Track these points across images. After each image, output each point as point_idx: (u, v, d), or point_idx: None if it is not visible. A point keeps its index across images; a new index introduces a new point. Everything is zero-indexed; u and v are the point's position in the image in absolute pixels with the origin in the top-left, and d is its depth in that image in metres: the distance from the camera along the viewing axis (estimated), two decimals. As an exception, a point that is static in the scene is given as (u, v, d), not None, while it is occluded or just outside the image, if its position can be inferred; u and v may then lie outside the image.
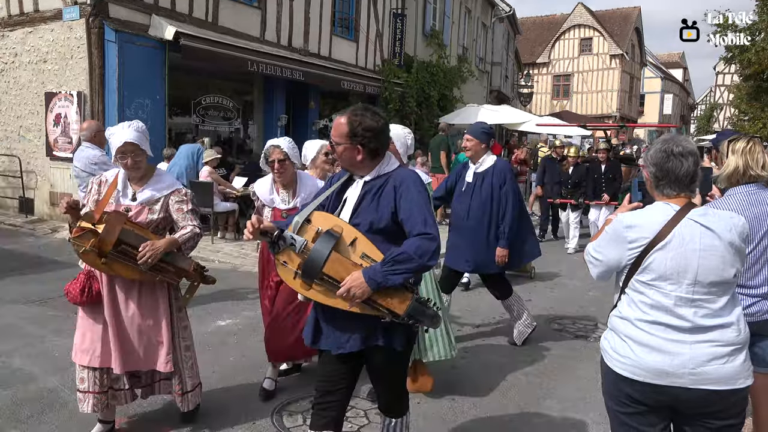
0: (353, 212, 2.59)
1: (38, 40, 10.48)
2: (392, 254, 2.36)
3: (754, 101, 23.56)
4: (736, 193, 2.95)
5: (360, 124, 2.52)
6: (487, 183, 4.85)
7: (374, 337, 2.54)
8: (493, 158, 4.96)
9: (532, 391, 4.33)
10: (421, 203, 2.48)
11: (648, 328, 2.12)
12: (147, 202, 3.27)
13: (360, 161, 2.58)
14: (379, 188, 2.58)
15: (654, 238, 2.11)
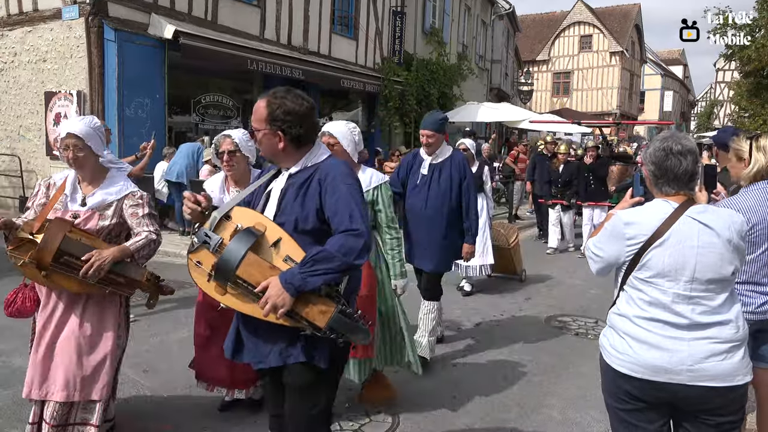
0: (277, 209, 2.34)
1: (38, 39, 10.47)
2: (312, 253, 2.12)
3: (755, 98, 23.53)
4: (753, 190, 2.91)
5: (280, 107, 2.28)
6: (446, 175, 4.53)
7: (294, 351, 2.25)
8: (449, 149, 4.66)
9: (532, 390, 4.33)
10: (348, 197, 2.23)
11: (646, 325, 2.13)
12: (98, 207, 2.99)
13: (282, 150, 2.33)
14: (304, 182, 2.33)
15: (652, 236, 2.11)
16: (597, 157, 9.71)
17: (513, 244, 7.38)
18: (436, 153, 4.57)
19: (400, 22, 16.81)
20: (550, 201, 9.97)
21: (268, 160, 2.47)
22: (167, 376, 4.28)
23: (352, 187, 2.27)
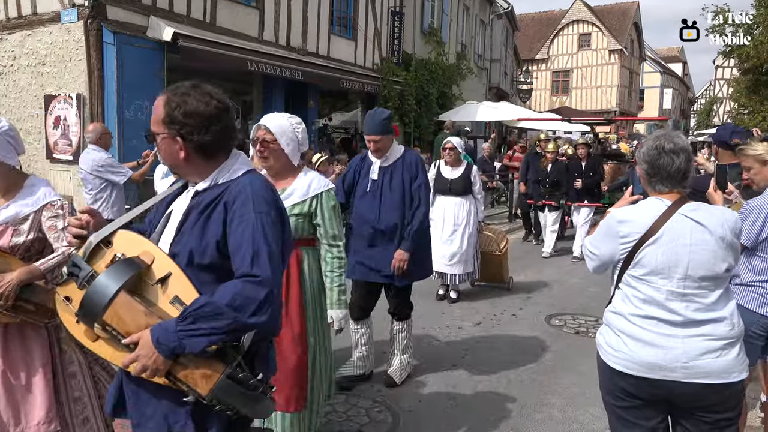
0: (175, 235, 1.85)
1: (37, 42, 10.49)
2: (194, 306, 1.64)
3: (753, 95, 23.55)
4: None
5: (179, 106, 1.81)
6: (398, 179, 4.06)
7: (179, 417, 1.77)
8: (401, 149, 4.20)
9: (532, 388, 4.34)
10: (256, 230, 1.74)
11: (641, 323, 2.14)
12: (12, 221, 2.61)
13: (184, 160, 1.86)
14: (209, 204, 1.83)
15: (645, 233, 2.13)
16: (588, 156, 9.34)
17: (504, 250, 7.05)
18: (386, 155, 4.12)
19: (398, 22, 16.81)
20: (540, 202, 9.57)
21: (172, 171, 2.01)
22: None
23: (264, 217, 1.77)
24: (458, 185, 6.43)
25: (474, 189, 6.49)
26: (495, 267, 7.03)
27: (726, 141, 3.91)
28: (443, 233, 6.41)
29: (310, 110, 14.38)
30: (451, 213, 6.44)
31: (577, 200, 9.12)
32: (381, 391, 4.17)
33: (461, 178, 6.45)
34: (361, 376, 4.30)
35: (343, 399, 4.01)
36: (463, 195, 6.45)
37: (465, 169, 6.52)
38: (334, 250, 3.08)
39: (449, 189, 6.45)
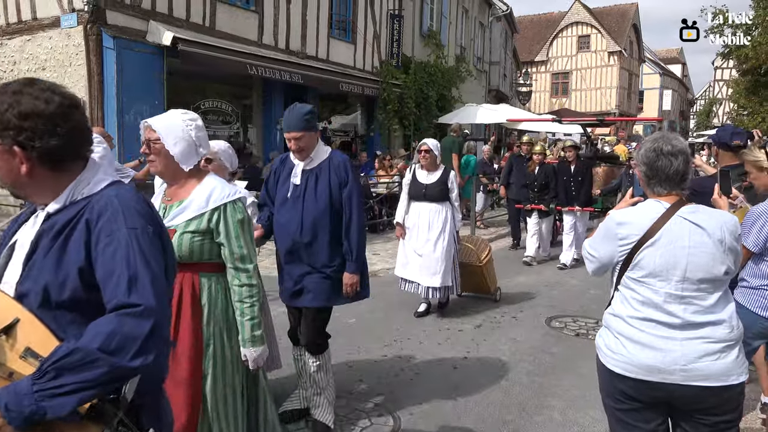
0: (22, 270, 1.47)
1: (36, 47, 10.51)
2: (56, 355, 1.26)
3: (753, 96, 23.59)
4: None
5: (11, 107, 1.41)
6: (324, 184, 3.46)
7: None
8: (327, 150, 3.58)
9: (533, 390, 4.34)
10: (133, 248, 1.40)
11: (639, 325, 2.15)
12: None
13: (27, 176, 1.46)
14: (65, 227, 1.46)
15: (644, 236, 2.14)
16: (577, 158, 8.80)
17: (485, 261, 6.51)
18: (310, 156, 3.49)
19: (397, 25, 16.84)
20: (529, 206, 9.01)
21: (12, 193, 1.58)
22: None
23: (139, 234, 1.43)
24: (434, 191, 5.93)
25: (451, 195, 6.01)
26: (478, 278, 6.55)
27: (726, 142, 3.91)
28: (417, 242, 5.96)
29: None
30: (425, 220, 5.94)
31: (567, 204, 8.70)
32: (382, 394, 4.17)
33: (437, 184, 5.94)
34: (306, 410, 3.73)
35: (344, 402, 4.01)
36: (439, 201, 5.95)
37: (442, 173, 6.01)
38: (241, 275, 2.53)
39: (424, 194, 5.95)
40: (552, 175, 8.80)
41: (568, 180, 8.66)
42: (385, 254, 9.29)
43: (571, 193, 8.66)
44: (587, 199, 8.76)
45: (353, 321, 5.86)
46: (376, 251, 9.52)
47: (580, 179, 8.63)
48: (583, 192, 8.64)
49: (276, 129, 13.38)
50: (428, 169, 6.01)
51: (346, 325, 5.68)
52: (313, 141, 3.48)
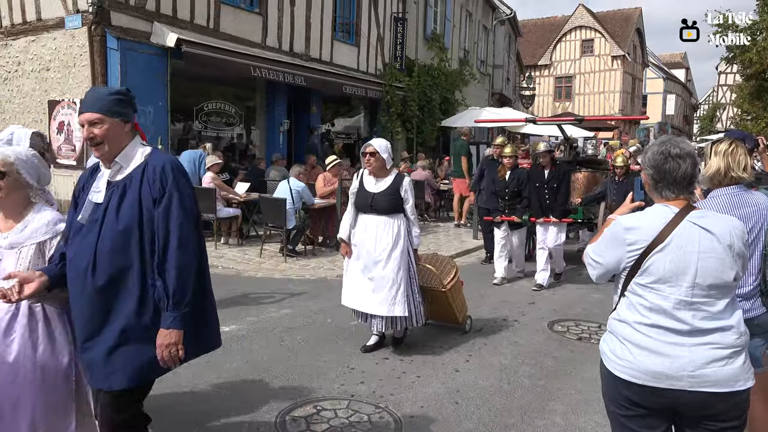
0: None
1: (41, 48, 10.54)
2: None
3: (757, 100, 23.53)
4: (718, 195, 2.97)
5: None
6: (130, 201, 2.43)
7: None
8: (146, 151, 2.54)
9: (535, 394, 4.32)
10: None
11: (647, 331, 2.12)
12: None
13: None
14: None
15: (653, 241, 2.11)
16: (552, 163, 7.71)
17: (449, 285, 5.36)
18: (117, 162, 2.49)
19: (401, 28, 16.86)
20: (499, 218, 7.78)
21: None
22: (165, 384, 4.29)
23: None
24: (382, 201, 4.89)
25: (406, 207, 4.95)
26: (442, 306, 5.46)
27: None
28: (364, 263, 4.96)
29: (313, 116, 14.42)
30: (372, 236, 4.91)
31: (541, 215, 7.60)
32: (383, 397, 4.16)
33: (387, 192, 4.90)
34: None
35: (345, 405, 4.00)
36: (389, 213, 4.90)
37: (393, 180, 4.95)
38: None
39: (371, 206, 4.92)
40: (525, 182, 7.69)
41: (541, 187, 7.58)
42: (387, 257, 9.26)
43: (545, 203, 7.57)
44: (564, 209, 7.70)
45: (355, 324, 5.85)
46: (378, 254, 9.51)
47: (555, 186, 7.54)
48: (560, 201, 7.57)
49: (279, 131, 13.40)
50: (376, 175, 4.96)
51: (347, 327, 5.67)
52: (119, 134, 2.47)
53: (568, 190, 7.81)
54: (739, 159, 2.98)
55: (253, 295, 6.79)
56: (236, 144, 13.51)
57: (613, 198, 7.69)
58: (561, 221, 7.60)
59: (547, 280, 7.66)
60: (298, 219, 8.93)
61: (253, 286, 7.25)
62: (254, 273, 7.94)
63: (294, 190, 8.82)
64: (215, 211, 9.19)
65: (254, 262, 8.56)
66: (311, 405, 3.97)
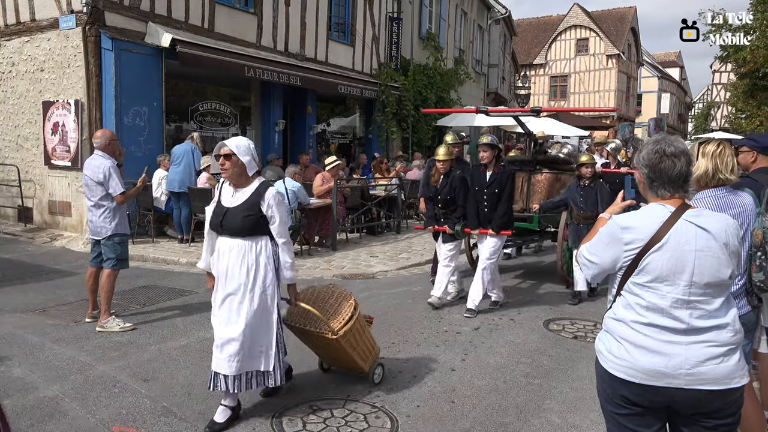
0: None
1: (35, 49, 10.51)
2: None
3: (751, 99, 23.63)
4: (704, 197, 2.99)
5: None
6: None
7: None
8: None
9: (531, 392, 4.33)
10: None
11: (644, 330, 2.13)
12: None
13: None
14: None
15: (650, 240, 2.12)
16: (496, 162, 6.37)
17: (342, 331, 4.00)
18: None
19: (396, 27, 16.87)
20: (432, 228, 6.72)
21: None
22: (167, 384, 4.28)
23: None
24: (234, 219, 3.71)
25: (272, 226, 3.77)
26: (339, 352, 4.17)
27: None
28: (214, 303, 3.83)
29: (309, 116, 14.41)
30: (224, 265, 3.74)
31: (478, 226, 6.39)
32: (379, 397, 4.16)
33: (243, 208, 3.72)
34: None
35: (341, 404, 4.00)
36: (245, 235, 3.72)
37: (255, 191, 3.77)
38: None
39: (221, 224, 3.75)
40: (459, 188, 6.47)
41: (480, 192, 6.35)
42: (383, 256, 9.29)
43: (483, 211, 6.34)
44: (506, 221, 6.32)
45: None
46: (374, 254, 9.53)
47: (496, 191, 6.28)
48: (500, 210, 6.25)
49: (274, 131, 13.39)
50: (235, 185, 3.82)
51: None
52: None
53: (511, 197, 6.45)
54: (727, 161, 3.00)
55: (249, 296, 6.78)
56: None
57: (580, 206, 6.90)
58: (499, 234, 6.29)
59: (477, 302, 6.29)
60: (294, 219, 8.92)
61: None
62: (250, 273, 7.92)
63: (290, 190, 8.82)
64: (211, 211, 9.18)
65: (250, 262, 8.54)
66: (307, 405, 3.97)
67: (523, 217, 7.65)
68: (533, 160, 8.18)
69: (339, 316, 4.13)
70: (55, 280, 7.31)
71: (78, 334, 5.35)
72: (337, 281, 7.68)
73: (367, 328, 4.32)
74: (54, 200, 10.58)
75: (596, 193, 6.85)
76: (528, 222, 7.55)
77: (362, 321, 4.25)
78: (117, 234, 5.53)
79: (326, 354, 4.40)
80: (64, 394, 4.09)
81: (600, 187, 6.95)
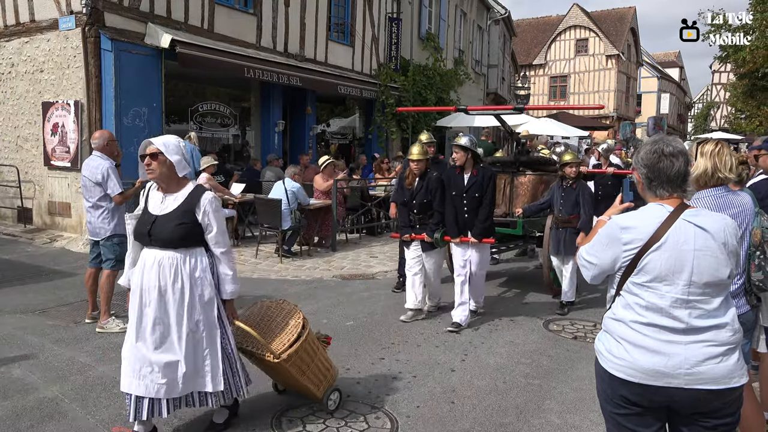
0: None
1: (35, 49, 10.50)
2: None
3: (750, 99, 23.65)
4: (703, 197, 2.99)
5: None
6: None
7: None
8: None
9: (531, 393, 4.33)
10: None
11: (643, 330, 2.13)
12: None
13: None
14: None
15: (649, 240, 2.12)
16: (474, 163, 5.85)
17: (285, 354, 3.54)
18: None
19: (396, 28, 16.87)
20: (409, 236, 6.03)
21: None
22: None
23: None
24: (165, 228, 3.28)
25: (209, 235, 3.36)
26: (286, 377, 3.80)
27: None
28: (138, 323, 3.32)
29: (308, 116, 14.42)
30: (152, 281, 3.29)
31: (458, 234, 5.86)
32: (379, 397, 4.16)
33: (175, 215, 3.31)
34: None
35: (341, 405, 4.00)
36: (177, 247, 3.30)
37: (188, 196, 3.37)
38: None
39: (149, 234, 3.31)
40: (436, 191, 5.96)
41: (459, 197, 5.87)
42: (383, 257, 9.29)
43: (463, 217, 5.84)
44: (488, 227, 5.85)
45: (350, 324, 5.86)
46: (373, 254, 9.53)
47: (476, 195, 5.81)
48: (481, 216, 5.80)
49: (274, 131, 13.39)
50: (164, 189, 3.42)
51: (343, 328, 5.67)
52: None
53: (492, 201, 5.95)
54: (726, 160, 3.00)
55: (249, 296, 6.78)
56: (231, 145, 13.50)
57: (560, 209, 6.42)
58: (481, 242, 5.83)
59: (466, 317, 5.87)
60: (294, 220, 8.92)
61: (248, 287, 7.24)
62: (250, 274, 7.93)
63: (289, 191, 8.82)
64: (210, 212, 9.18)
65: (250, 263, 8.55)
66: (307, 405, 3.97)
67: (505, 222, 7.03)
68: (516, 161, 7.61)
69: (283, 336, 3.65)
70: (55, 281, 7.30)
71: (78, 334, 5.35)
72: (337, 281, 7.68)
73: (322, 349, 3.84)
74: (53, 201, 10.58)
75: (578, 195, 6.38)
76: (511, 227, 6.98)
77: (314, 342, 3.76)
78: (116, 234, 5.53)
79: (275, 377, 4.01)
80: (63, 394, 4.09)
81: (582, 188, 6.45)
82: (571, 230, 6.30)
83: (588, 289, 7.31)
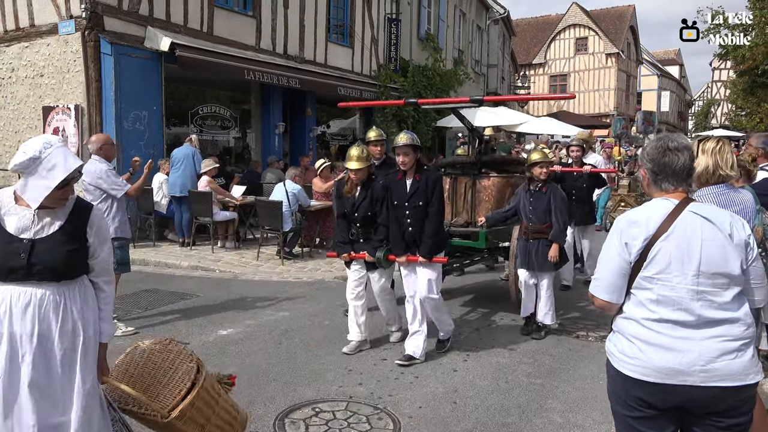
0: None
1: (35, 54, 10.52)
2: None
3: (750, 96, 23.65)
4: (705, 194, 3.00)
5: None
6: None
7: None
8: None
9: (533, 392, 4.34)
10: None
11: (655, 327, 2.12)
12: None
13: None
14: None
15: (657, 231, 2.14)
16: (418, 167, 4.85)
17: (175, 411, 2.68)
18: None
19: (395, 28, 16.88)
20: (348, 255, 5.11)
21: None
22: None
23: None
24: (50, 255, 2.46)
25: (94, 260, 2.63)
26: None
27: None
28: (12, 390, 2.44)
29: (308, 118, 14.42)
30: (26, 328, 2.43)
31: (405, 252, 4.88)
32: (381, 398, 4.16)
33: (62, 237, 2.51)
34: None
35: (343, 406, 4.00)
36: (66, 278, 2.51)
37: (72, 212, 2.60)
38: None
39: (28, 265, 2.43)
40: (380, 201, 4.99)
41: (401, 207, 4.86)
42: (384, 258, 9.28)
43: (408, 230, 4.85)
44: (437, 241, 4.85)
45: (353, 325, 5.86)
46: (375, 255, 9.52)
47: (420, 204, 4.79)
48: (429, 229, 4.79)
49: (275, 133, 13.40)
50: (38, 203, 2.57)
51: (344, 329, 5.67)
52: None
53: (440, 210, 4.93)
54: (727, 157, 3.01)
55: (251, 298, 6.79)
56: (232, 147, 13.52)
57: (530, 217, 5.54)
58: (432, 261, 4.82)
59: (421, 348, 4.88)
60: (295, 221, 8.93)
61: (250, 289, 7.25)
62: (252, 276, 7.93)
63: (290, 193, 8.82)
64: (212, 214, 9.21)
65: (251, 265, 8.55)
66: (309, 407, 3.98)
67: (467, 233, 6.07)
68: (478, 162, 6.50)
69: (173, 387, 2.79)
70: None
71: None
72: (339, 283, 7.68)
73: (225, 394, 3.02)
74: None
75: (549, 200, 5.47)
76: (473, 239, 5.97)
77: (213, 388, 2.92)
78: (117, 238, 5.53)
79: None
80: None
81: (554, 192, 5.54)
82: (544, 241, 5.43)
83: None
